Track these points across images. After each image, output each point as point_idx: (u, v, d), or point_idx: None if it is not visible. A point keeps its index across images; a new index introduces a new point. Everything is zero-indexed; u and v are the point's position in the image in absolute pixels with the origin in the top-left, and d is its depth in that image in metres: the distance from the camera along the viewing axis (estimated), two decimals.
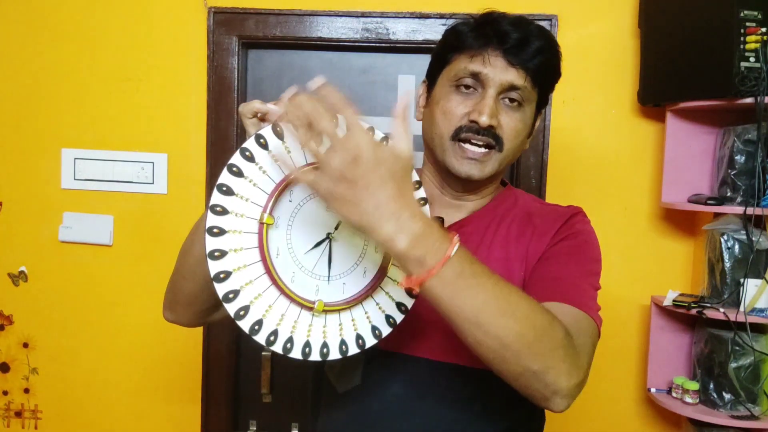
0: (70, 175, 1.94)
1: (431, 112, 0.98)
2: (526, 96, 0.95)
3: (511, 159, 0.98)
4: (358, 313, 0.84)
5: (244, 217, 0.79)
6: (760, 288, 1.60)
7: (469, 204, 1.02)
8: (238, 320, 0.79)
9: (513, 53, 0.92)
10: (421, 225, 0.69)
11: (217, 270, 0.78)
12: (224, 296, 0.78)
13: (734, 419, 1.62)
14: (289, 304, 0.81)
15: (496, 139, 0.93)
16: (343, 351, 0.83)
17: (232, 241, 0.78)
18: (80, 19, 1.92)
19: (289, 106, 0.77)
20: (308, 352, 0.81)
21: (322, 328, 0.82)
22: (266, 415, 2.01)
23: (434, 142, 0.97)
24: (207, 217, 0.78)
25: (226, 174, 0.79)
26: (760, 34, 1.49)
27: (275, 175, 0.80)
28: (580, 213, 1.00)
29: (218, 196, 0.78)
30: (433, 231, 0.70)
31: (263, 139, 0.80)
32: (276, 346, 0.80)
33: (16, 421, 2.02)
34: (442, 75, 0.99)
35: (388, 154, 0.68)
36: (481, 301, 0.70)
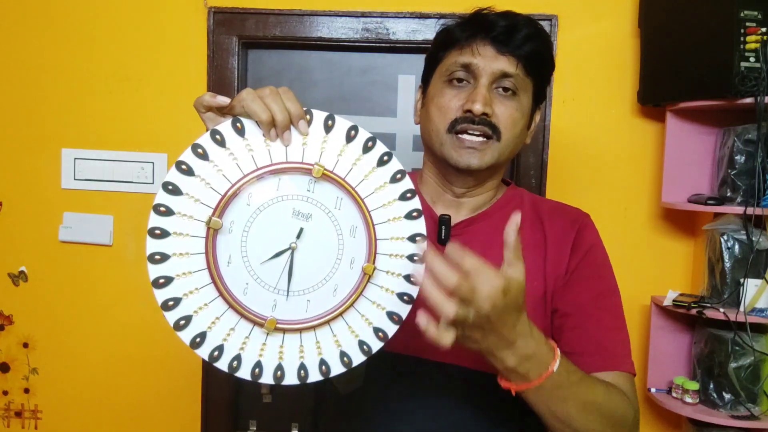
0: (70, 175, 1.94)
1: (427, 110, 0.99)
2: (519, 84, 0.94)
3: (511, 150, 0.97)
4: (324, 336, 0.76)
5: (192, 219, 0.72)
6: (760, 288, 1.60)
7: (472, 201, 1.01)
8: (178, 330, 0.73)
9: (501, 41, 0.92)
10: (532, 345, 0.72)
11: (157, 275, 0.72)
12: (163, 303, 0.72)
13: (734, 419, 1.62)
14: (239, 319, 0.73)
15: (493, 128, 0.93)
16: (301, 377, 0.75)
17: (176, 245, 0.72)
18: (80, 19, 1.92)
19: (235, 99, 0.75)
20: (258, 373, 0.74)
21: (279, 349, 0.75)
22: (266, 415, 2.01)
23: (432, 138, 0.97)
24: (150, 217, 0.72)
25: (173, 172, 0.72)
26: (760, 34, 1.49)
27: (232, 175, 0.73)
28: (589, 222, 1.00)
29: (163, 195, 0.72)
30: (541, 347, 0.73)
31: (219, 136, 0.74)
32: (220, 362, 0.73)
33: (16, 421, 2.02)
34: (435, 73, 0.99)
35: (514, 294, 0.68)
36: (572, 407, 0.77)
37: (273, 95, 0.75)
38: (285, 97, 0.76)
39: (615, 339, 0.93)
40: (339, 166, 0.77)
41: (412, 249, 0.79)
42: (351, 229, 0.77)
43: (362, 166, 0.78)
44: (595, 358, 0.90)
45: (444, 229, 0.95)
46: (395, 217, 0.79)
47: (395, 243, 0.78)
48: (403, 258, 0.79)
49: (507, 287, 0.67)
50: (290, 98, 0.76)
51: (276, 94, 0.76)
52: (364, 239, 0.77)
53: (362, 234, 0.77)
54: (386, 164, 0.79)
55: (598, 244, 0.98)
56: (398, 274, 0.78)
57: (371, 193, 0.78)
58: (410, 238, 0.79)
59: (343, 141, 0.78)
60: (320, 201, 0.76)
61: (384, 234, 0.78)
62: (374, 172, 0.78)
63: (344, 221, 0.77)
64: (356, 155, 0.78)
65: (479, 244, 0.96)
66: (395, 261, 0.78)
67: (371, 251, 0.77)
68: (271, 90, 0.76)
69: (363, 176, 0.78)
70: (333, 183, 0.76)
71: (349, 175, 0.77)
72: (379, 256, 0.77)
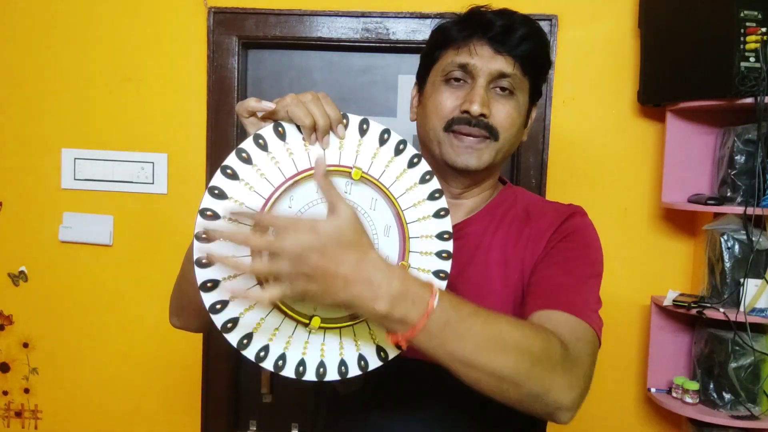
0: (70, 175, 1.94)
1: (424, 109, 0.98)
2: (516, 84, 0.94)
3: (509, 150, 0.97)
4: (361, 332, 0.78)
5: (237, 222, 0.73)
6: (760, 288, 1.60)
7: (468, 202, 1.01)
8: (225, 333, 0.73)
9: (499, 41, 0.92)
10: (396, 283, 0.67)
11: (205, 278, 0.72)
12: (211, 307, 0.72)
13: (734, 419, 1.62)
14: (284, 319, 0.75)
15: (490, 129, 0.93)
16: (342, 372, 0.77)
17: (223, 248, 0.72)
18: (80, 19, 1.92)
19: (278, 104, 0.76)
20: (302, 371, 0.76)
21: (320, 347, 0.77)
22: (266, 415, 2.01)
23: (429, 137, 0.97)
24: (197, 221, 0.72)
25: (219, 176, 0.74)
26: (760, 34, 1.49)
27: (275, 179, 0.75)
28: (579, 212, 0.99)
29: (210, 199, 0.73)
30: (411, 285, 0.68)
31: (262, 140, 0.76)
32: (266, 362, 0.74)
33: (16, 421, 2.02)
34: (431, 73, 0.99)
35: (330, 230, 0.65)
36: (472, 344, 0.70)
37: (315, 101, 0.77)
38: (325, 102, 0.78)
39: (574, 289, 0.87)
40: (373, 167, 0.80)
41: (440, 246, 0.83)
42: (385, 229, 0.80)
43: (394, 168, 0.81)
44: (541, 300, 0.85)
45: None
46: (425, 216, 0.82)
47: (425, 241, 0.82)
48: (432, 255, 0.82)
49: (314, 226, 0.64)
50: (329, 103, 0.78)
51: (317, 99, 0.77)
52: (397, 238, 0.80)
53: (395, 233, 0.80)
54: (416, 166, 0.83)
55: (584, 229, 0.96)
56: (428, 270, 0.82)
57: (403, 193, 0.81)
58: (438, 236, 0.83)
59: (377, 144, 0.81)
60: (357, 202, 0.79)
61: (415, 232, 0.81)
62: (405, 174, 0.82)
63: (379, 221, 0.80)
64: (389, 157, 0.81)
65: (470, 245, 0.96)
66: (425, 258, 0.82)
67: (405, 249, 0.80)
68: (313, 95, 0.78)
69: (395, 177, 0.81)
70: (368, 184, 0.79)
71: (383, 177, 0.80)
72: (411, 253, 0.81)
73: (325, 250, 0.64)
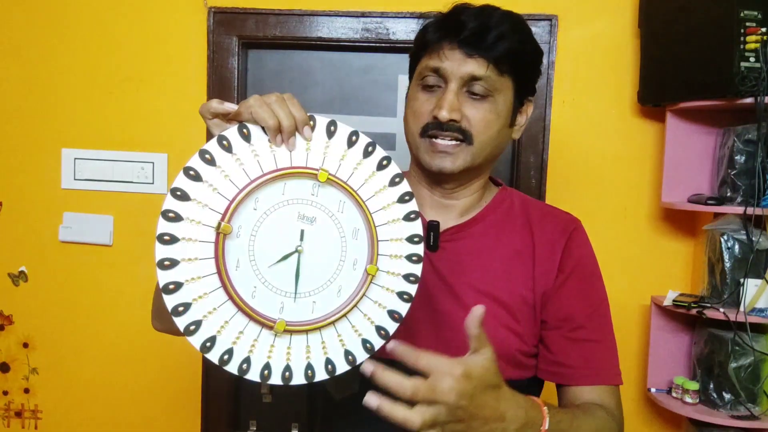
0: (70, 175, 1.94)
1: (405, 113, 0.99)
2: (492, 85, 0.92)
3: (489, 152, 0.96)
4: (329, 336, 0.78)
5: (200, 224, 0.73)
6: (760, 288, 1.60)
7: (460, 203, 1.00)
8: (188, 335, 0.72)
9: (469, 43, 0.90)
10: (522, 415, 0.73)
11: (167, 280, 0.72)
12: (173, 309, 0.72)
13: (734, 419, 1.62)
14: (248, 322, 0.74)
15: (463, 133, 0.92)
16: (308, 376, 0.77)
17: (185, 250, 0.72)
18: (80, 20, 1.92)
19: (242, 106, 0.76)
20: (267, 374, 0.75)
21: (286, 350, 0.76)
22: (266, 415, 2.01)
23: (408, 141, 0.98)
24: (158, 223, 0.72)
25: (181, 177, 0.73)
26: (760, 34, 1.49)
27: (239, 181, 0.74)
28: (578, 228, 0.99)
29: (172, 200, 0.72)
30: (531, 414, 0.75)
31: (226, 141, 0.75)
32: (230, 365, 0.74)
33: (16, 421, 2.02)
34: (413, 76, 0.99)
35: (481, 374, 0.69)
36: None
37: (279, 102, 0.76)
38: (290, 103, 0.77)
39: (603, 352, 0.95)
40: (341, 170, 0.79)
41: (410, 249, 0.82)
42: (353, 232, 0.79)
43: (363, 170, 0.80)
44: (583, 372, 0.93)
45: (432, 236, 0.95)
46: (394, 219, 0.81)
47: (394, 244, 0.81)
48: (402, 258, 0.81)
49: (468, 372, 0.68)
50: (295, 105, 0.77)
51: (282, 100, 0.77)
52: (366, 241, 0.79)
53: (364, 236, 0.79)
54: (385, 168, 0.81)
55: (587, 253, 0.98)
56: (397, 273, 0.81)
57: (372, 196, 0.80)
58: (408, 239, 0.82)
59: (345, 146, 0.79)
60: (324, 204, 0.78)
61: (384, 235, 0.80)
62: (374, 176, 0.81)
63: (347, 224, 0.79)
64: (357, 159, 0.80)
65: (470, 249, 0.96)
66: (395, 261, 0.81)
67: (373, 252, 0.79)
68: (278, 97, 0.77)
69: (364, 180, 0.80)
70: (336, 187, 0.78)
71: (351, 179, 0.79)
72: (380, 257, 0.79)
73: (475, 395, 0.68)
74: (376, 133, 1.92)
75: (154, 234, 0.73)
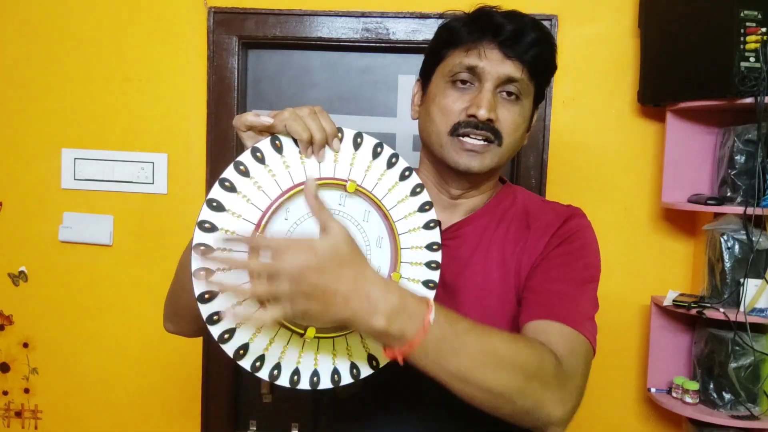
0: (70, 175, 1.94)
1: (427, 109, 0.97)
2: (523, 89, 0.94)
3: (510, 154, 0.97)
4: (354, 341, 0.79)
5: (234, 234, 0.74)
6: (760, 288, 1.60)
7: (467, 203, 1.00)
8: (222, 344, 0.74)
9: (509, 45, 0.91)
10: (393, 298, 0.68)
11: (202, 290, 0.73)
12: (208, 318, 0.73)
13: (734, 419, 1.62)
14: (279, 329, 0.75)
15: (495, 133, 0.92)
16: (335, 380, 0.78)
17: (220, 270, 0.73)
18: (80, 19, 1.92)
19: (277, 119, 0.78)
20: (296, 380, 0.77)
21: (314, 356, 0.78)
22: (266, 415, 2.01)
23: (432, 139, 0.96)
24: (194, 233, 0.73)
25: (217, 188, 0.74)
26: (760, 34, 1.49)
27: (272, 192, 0.76)
28: (578, 214, 0.98)
29: (208, 211, 0.74)
30: (407, 300, 0.69)
31: (260, 153, 0.76)
32: (262, 372, 0.76)
33: (16, 421, 2.02)
34: (437, 72, 0.98)
35: (326, 249, 0.66)
36: (466, 360, 0.71)
37: (312, 115, 0.78)
38: (321, 116, 0.79)
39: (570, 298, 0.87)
40: (366, 180, 0.81)
41: (429, 257, 0.85)
42: (377, 240, 0.82)
43: (386, 181, 0.83)
44: (537, 310, 0.85)
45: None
46: (415, 228, 0.85)
47: (415, 252, 0.84)
48: (422, 265, 0.85)
49: (312, 245, 0.66)
50: (325, 117, 0.79)
51: (314, 114, 0.79)
52: (389, 249, 0.82)
53: (387, 244, 0.82)
54: (407, 179, 0.85)
55: (582, 231, 0.96)
56: (417, 280, 0.84)
57: (394, 205, 0.83)
58: (428, 247, 0.85)
59: (370, 157, 0.83)
60: (350, 214, 0.81)
61: (405, 243, 0.83)
62: (397, 186, 0.84)
63: (372, 233, 0.82)
64: (381, 170, 0.83)
65: (469, 245, 0.96)
66: (415, 268, 0.84)
67: (396, 260, 0.82)
68: (310, 110, 0.79)
69: (387, 190, 0.83)
70: (362, 197, 0.81)
71: (375, 189, 0.82)
72: (402, 264, 0.82)
73: (323, 268, 0.66)
74: (376, 133, 1.90)
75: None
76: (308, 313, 0.67)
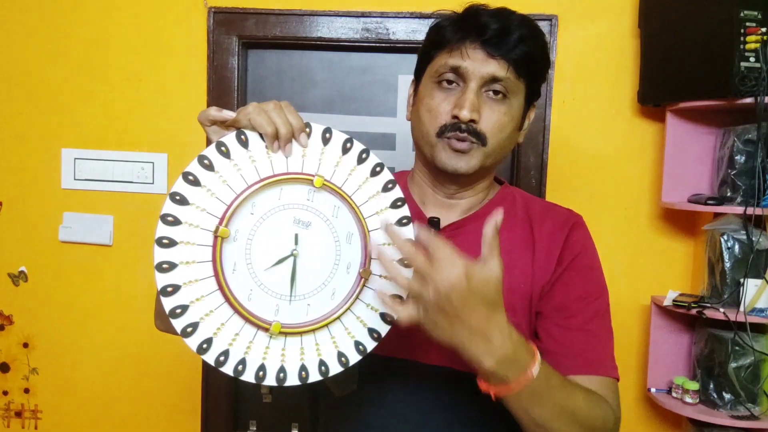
0: (70, 175, 1.94)
1: (417, 110, 0.98)
2: (510, 87, 0.93)
3: (500, 153, 0.96)
4: (323, 338, 0.79)
5: (198, 228, 0.74)
6: (760, 288, 1.60)
7: (463, 202, 1.00)
8: (185, 337, 0.74)
9: (492, 44, 0.91)
10: (510, 347, 0.72)
11: (165, 283, 0.73)
12: (171, 311, 0.73)
13: (734, 419, 1.62)
14: (244, 324, 0.76)
15: (477, 135, 0.92)
16: (302, 377, 0.78)
17: (183, 254, 0.74)
18: (80, 19, 1.92)
19: (240, 113, 0.78)
20: (262, 375, 0.76)
21: (281, 352, 0.77)
22: (266, 415, 2.01)
23: (422, 141, 0.97)
24: (157, 226, 0.73)
25: (180, 182, 0.75)
26: (760, 34, 1.49)
27: (237, 186, 0.76)
28: (579, 224, 0.99)
29: (171, 205, 0.74)
30: (519, 351, 0.73)
31: (225, 147, 0.76)
32: (226, 367, 0.75)
33: (16, 421, 2.02)
34: (425, 73, 0.98)
35: (480, 281, 0.69)
36: (550, 412, 0.77)
37: (277, 109, 0.78)
38: (287, 110, 0.79)
39: (599, 342, 0.92)
40: (336, 176, 0.81)
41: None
42: (347, 236, 0.81)
43: (356, 176, 0.82)
44: (577, 361, 0.90)
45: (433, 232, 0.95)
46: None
47: (388, 248, 0.82)
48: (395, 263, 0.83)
49: (469, 272, 0.69)
50: (292, 112, 0.79)
51: (279, 108, 0.79)
52: (359, 245, 0.81)
53: (357, 240, 0.81)
54: (378, 174, 0.84)
55: (587, 247, 0.97)
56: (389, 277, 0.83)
57: (365, 201, 0.82)
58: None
59: (340, 152, 0.82)
60: (319, 209, 0.80)
61: (377, 240, 0.82)
62: (367, 182, 0.83)
63: (341, 228, 0.81)
64: (351, 166, 0.82)
65: (468, 246, 0.96)
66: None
67: (367, 256, 0.81)
68: (275, 104, 0.79)
69: (357, 186, 0.82)
70: (331, 192, 0.80)
71: (345, 185, 0.81)
72: (373, 261, 0.81)
73: (468, 297, 0.69)
74: (375, 133, 1.92)
75: (154, 234, 0.73)
76: (437, 325, 0.71)
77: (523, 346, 0.74)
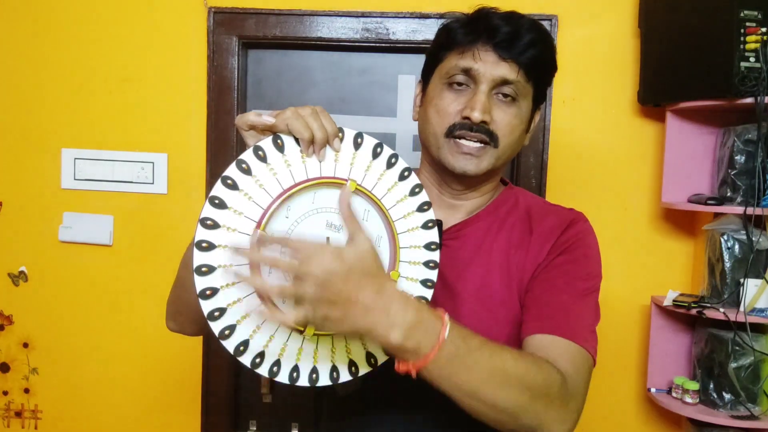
0: (70, 175, 1.94)
1: (426, 111, 0.98)
2: (519, 90, 0.94)
3: (509, 155, 0.97)
4: (352, 339, 0.81)
5: (235, 231, 0.75)
6: (760, 288, 1.60)
7: (468, 204, 1.01)
8: (223, 340, 0.75)
9: (504, 47, 0.91)
10: (411, 313, 0.70)
11: (204, 286, 0.74)
12: (209, 314, 0.74)
13: (734, 419, 1.62)
14: (278, 327, 0.77)
15: (490, 135, 0.92)
16: (333, 378, 0.80)
17: (222, 257, 0.75)
18: (80, 19, 1.92)
19: (278, 118, 0.79)
20: (296, 376, 0.78)
21: (313, 353, 0.79)
22: (266, 415, 2.01)
23: (429, 141, 0.97)
24: (196, 230, 0.74)
25: (219, 186, 0.75)
26: (760, 34, 1.49)
27: (273, 189, 0.77)
28: (580, 219, 0.98)
29: (209, 209, 0.75)
30: (424, 316, 0.71)
31: (262, 152, 0.77)
32: (261, 368, 0.77)
33: (16, 421, 2.02)
34: (434, 73, 0.98)
35: (353, 258, 0.69)
36: (477, 377, 0.73)
37: (313, 114, 0.80)
38: (322, 116, 0.80)
39: (577, 312, 0.88)
40: (366, 180, 0.82)
41: (427, 256, 0.86)
42: (377, 239, 0.82)
43: (386, 181, 0.84)
44: (547, 322, 0.86)
45: None
46: (413, 227, 0.86)
47: (413, 251, 0.85)
48: (420, 264, 0.85)
49: (339, 252, 0.69)
50: (327, 117, 0.81)
51: (315, 113, 0.80)
52: (388, 248, 0.83)
53: (386, 243, 0.83)
54: (406, 179, 0.86)
55: (585, 239, 0.96)
56: (416, 279, 0.85)
57: (393, 205, 0.84)
58: (426, 246, 0.86)
59: (371, 157, 0.83)
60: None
61: (404, 243, 0.84)
62: (396, 186, 0.85)
63: (371, 231, 0.81)
64: (381, 170, 0.84)
65: (470, 247, 0.96)
66: (413, 268, 0.85)
67: (395, 259, 0.82)
68: (312, 109, 0.80)
69: (387, 189, 0.84)
70: (362, 196, 0.82)
71: (375, 189, 0.83)
72: (401, 263, 0.83)
73: (349, 277, 0.68)
74: (376, 133, 1.90)
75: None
76: (328, 319, 0.69)
77: (426, 310, 0.72)
